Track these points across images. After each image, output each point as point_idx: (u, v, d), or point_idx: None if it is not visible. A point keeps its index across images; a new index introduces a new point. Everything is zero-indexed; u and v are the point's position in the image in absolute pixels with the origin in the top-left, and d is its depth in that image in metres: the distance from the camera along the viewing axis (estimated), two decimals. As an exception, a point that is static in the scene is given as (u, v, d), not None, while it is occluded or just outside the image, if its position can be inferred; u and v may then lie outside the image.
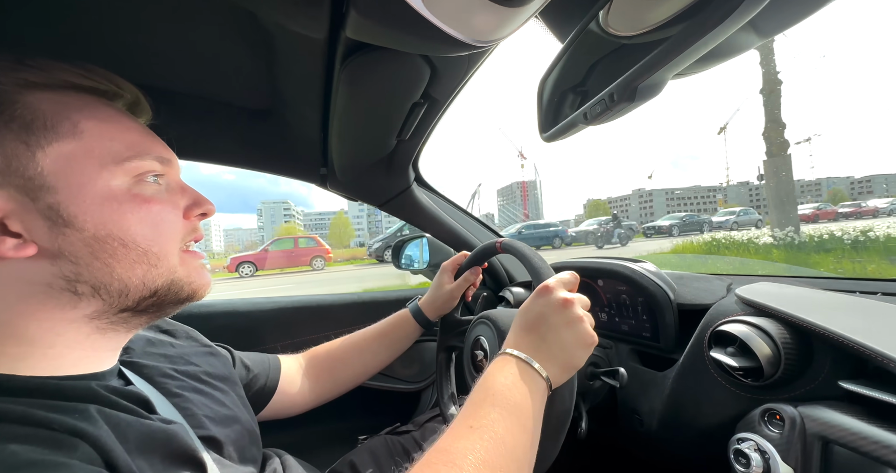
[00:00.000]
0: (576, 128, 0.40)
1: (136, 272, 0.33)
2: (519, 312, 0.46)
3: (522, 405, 0.37)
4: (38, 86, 0.31)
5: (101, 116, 0.33)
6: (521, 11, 0.34)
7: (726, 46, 0.28)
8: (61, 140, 0.30)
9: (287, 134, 0.71)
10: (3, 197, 0.28)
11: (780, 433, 0.41)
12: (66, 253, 0.30)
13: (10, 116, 0.29)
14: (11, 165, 0.28)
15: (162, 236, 0.34)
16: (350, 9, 0.34)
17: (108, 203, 0.31)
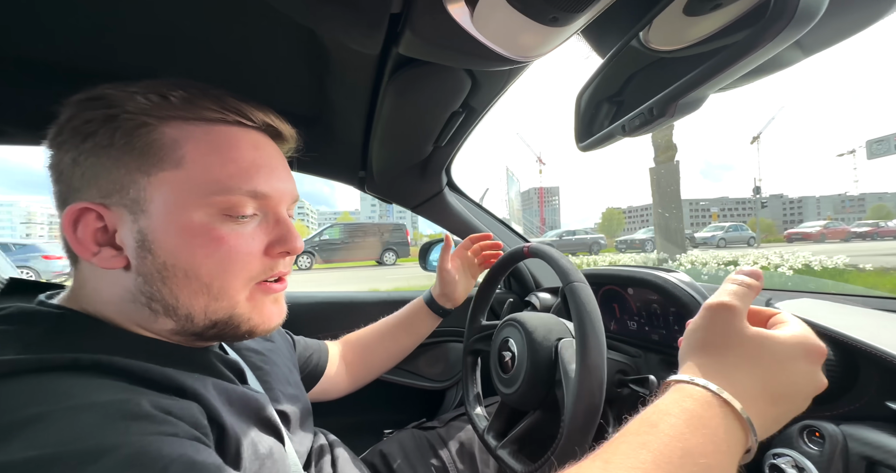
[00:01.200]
0: (613, 139, 0.42)
1: (199, 302, 0.34)
2: (766, 350, 0.29)
3: (705, 457, 0.25)
4: (172, 118, 0.33)
5: (212, 147, 0.34)
6: (564, 30, 0.36)
7: (769, 63, 0.28)
8: (166, 169, 0.32)
9: (331, 139, 0.76)
10: (116, 214, 0.32)
11: (819, 450, 0.40)
12: (143, 273, 0.32)
13: (135, 144, 0.32)
14: (126, 188, 0.32)
15: (227, 273, 0.34)
16: (406, 29, 0.38)
17: (183, 234, 0.32)
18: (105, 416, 0.24)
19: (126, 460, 0.22)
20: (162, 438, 0.24)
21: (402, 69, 0.48)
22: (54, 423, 0.22)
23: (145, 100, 0.32)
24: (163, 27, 0.50)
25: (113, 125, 0.32)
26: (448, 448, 0.74)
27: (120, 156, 0.32)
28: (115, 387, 0.27)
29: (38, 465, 0.20)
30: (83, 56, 0.54)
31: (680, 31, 0.35)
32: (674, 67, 0.39)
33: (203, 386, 0.32)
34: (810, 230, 28.37)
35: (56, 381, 0.25)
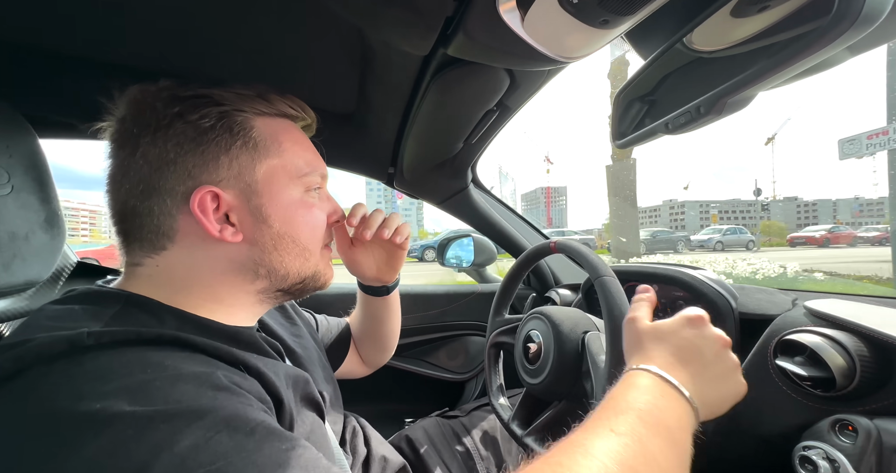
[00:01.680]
0: (654, 136, 0.43)
1: (296, 263, 0.41)
2: (658, 331, 0.41)
3: (676, 433, 0.32)
4: (265, 114, 0.40)
5: (294, 137, 0.43)
6: (610, 32, 0.38)
7: (819, 64, 0.30)
8: (271, 157, 0.39)
9: (365, 136, 0.79)
10: (232, 195, 0.38)
11: (852, 443, 0.41)
12: (258, 243, 0.39)
13: (249, 137, 0.38)
14: (241, 174, 0.38)
15: (315, 236, 0.43)
16: (458, 31, 0.40)
17: (290, 208, 0.40)
18: (197, 385, 0.27)
19: (224, 419, 0.25)
20: (245, 406, 0.28)
21: (446, 69, 0.51)
22: (161, 388, 0.26)
23: (246, 98, 0.39)
24: (209, 23, 0.52)
25: (228, 121, 0.37)
26: (472, 436, 0.76)
27: (235, 147, 0.37)
28: (196, 360, 0.30)
29: (157, 420, 0.24)
30: (134, 54, 0.57)
31: (724, 32, 0.36)
32: (713, 67, 0.40)
33: (263, 364, 0.34)
34: (814, 235, 27.44)
35: (148, 353, 0.28)
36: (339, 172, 5.76)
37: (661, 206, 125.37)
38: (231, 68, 0.62)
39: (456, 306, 1.12)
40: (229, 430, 0.25)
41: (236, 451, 0.24)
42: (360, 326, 0.74)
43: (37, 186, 0.47)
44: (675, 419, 0.33)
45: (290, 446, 0.26)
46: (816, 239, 26.44)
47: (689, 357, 0.39)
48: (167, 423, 0.24)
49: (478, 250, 1.20)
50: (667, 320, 0.42)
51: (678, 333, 0.40)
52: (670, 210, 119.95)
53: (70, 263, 0.61)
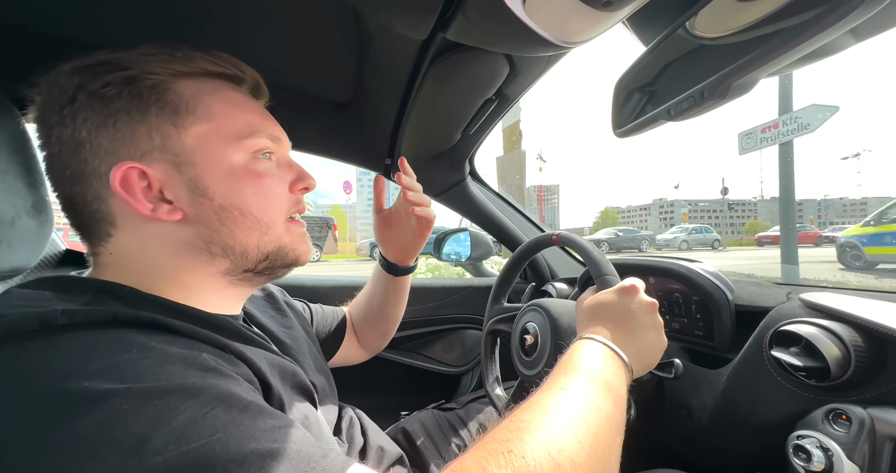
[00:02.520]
0: (656, 123, 0.43)
1: (252, 238, 0.37)
2: (599, 303, 0.47)
3: (614, 385, 0.37)
4: (183, 74, 0.36)
5: (227, 98, 0.38)
6: (612, 16, 0.37)
7: (823, 48, 0.29)
8: (199, 122, 0.35)
9: (362, 125, 0.78)
10: (161, 170, 0.34)
11: (845, 432, 0.42)
12: (201, 219, 0.35)
13: (165, 101, 0.34)
14: (166, 144, 0.34)
15: (271, 207, 0.38)
16: (457, 13, 0.39)
17: (231, 177, 0.36)
18: (185, 366, 0.26)
19: (217, 396, 0.25)
20: (235, 386, 0.27)
21: (444, 55, 0.50)
22: (151, 367, 0.25)
23: (156, 59, 0.34)
24: (197, 3, 0.50)
25: (136, 86, 0.33)
26: (468, 428, 0.76)
27: (150, 114, 0.33)
28: (179, 342, 0.29)
29: (153, 396, 0.23)
30: (119, 35, 0.55)
31: (730, 17, 0.36)
32: (718, 53, 0.39)
33: (248, 350, 0.34)
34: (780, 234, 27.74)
35: (130, 333, 0.27)
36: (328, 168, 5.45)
37: (651, 204, 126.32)
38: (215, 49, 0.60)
39: (452, 299, 1.12)
40: (224, 406, 0.25)
41: (233, 424, 0.24)
42: (368, 308, 0.74)
43: (23, 170, 0.46)
44: (612, 374, 0.38)
45: (282, 423, 0.26)
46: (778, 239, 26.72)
47: (622, 322, 0.44)
48: (162, 399, 0.23)
49: (474, 245, 1.19)
50: (606, 291, 0.49)
51: (615, 303, 0.46)
52: (660, 209, 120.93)
53: (58, 251, 0.60)
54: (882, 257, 6.13)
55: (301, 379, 0.40)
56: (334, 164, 19.37)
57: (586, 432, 0.31)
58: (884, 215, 6.19)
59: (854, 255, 6.48)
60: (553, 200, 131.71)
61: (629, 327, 0.44)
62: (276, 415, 0.27)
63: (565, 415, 0.31)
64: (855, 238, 6.56)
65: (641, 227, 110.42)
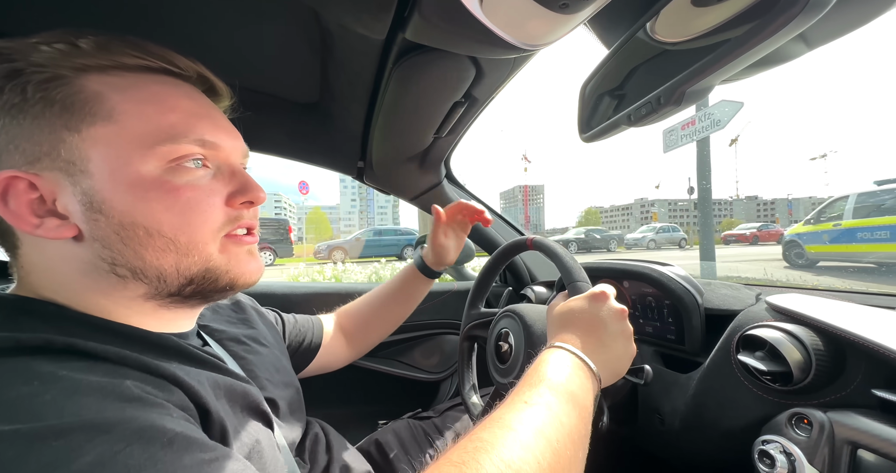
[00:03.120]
0: (618, 129, 0.42)
1: (168, 260, 0.32)
2: (569, 311, 0.46)
3: (579, 396, 0.36)
4: (90, 68, 0.30)
5: (143, 95, 0.31)
6: (572, 18, 0.36)
7: (774, 55, 0.29)
8: (97, 124, 0.30)
9: (331, 127, 0.75)
10: (51, 179, 0.29)
11: (807, 436, 0.42)
12: (98, 238, 0.30)
13: (54, 99, 0.29)
14: (56, 149, 0.29)
15: (191, 225, 0.32)
16: (413, 12, 0.37)
17: (135, 190, 0.30)
18: (100, 398, 0.23)
19: (136, 431, 0.22)
20: (161, 416, 0.24)
21: (407, 56, 0.48)
22: (51, 403, 0.22)
23: (52, 49, 0.29)
24: (154, 3, 0.48)
25: (21, 81, 0.28)
26: (444, 438, 0.75)
27: (38, 115, 0.29)
28: (99, 369, 0.26)
29: (49, 437, 0.20)
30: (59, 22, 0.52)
31: (687, 22, 0.35)
32: (679, 58, 0.39)
33: (184, 373, 0.31)
34: (745, 232, 28.92)
35: (34, 363, 0.24)
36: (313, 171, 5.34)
37: (632, 204, 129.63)
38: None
39: (431, 304, 1.10)
40: (142, 442, 0.22)
41: (151, 463, 0.21)
42: (381, 306, 0.77)
43: None
44: (579, 384, 0.37)
45: (213, 456, 0.24)
46: (747, 237, 27.93)
47: (592, 330, 0.43)
48: (62, 439, 0.20)
49: (455, 248, 1.18)
50: (576, 297, 0.47)
51: (584, 310, 0.45)
52: (641, 208, 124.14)
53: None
54: (822, 255, 6.25)
55: (253, 400, 0.37)
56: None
57: (546, 449, 0.30)
58: (822, 213, 6.28)
59: (797, 253, 6.59)
60: (538, 200, 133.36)
61: (598, 334, 0.43)
62: (208, 447, 0.25)
63: (525, 432, 0.30)
64: (797, 236, 6.64)
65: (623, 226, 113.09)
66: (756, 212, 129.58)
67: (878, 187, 5.61)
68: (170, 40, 0.55)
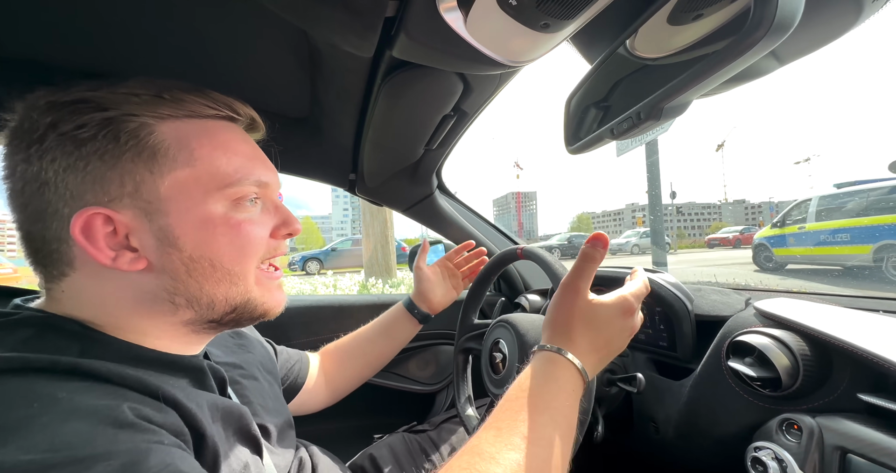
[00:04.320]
0: (602, 142, 0.43)
1: (221, 290, 0.35)
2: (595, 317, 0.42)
3: (559, 404, 0.37)
4: (169, 117, 0.34)
5: (215, 143, 0.35)
6: (554, 37, 0.37)
7: (748, 71, 0.30)
8: (178, 168, 0.33)
9: (322, 141, 0.76)
10: (129, 216, 0.32)
11: (797, 442, 0.42)
12: (168, 270, 0.33)
13: (144, 146, 0.32)
14: (138, 190, 0.32)
15: (245, 257, 0.36)
16: (400, 32, 0.38)
17: (206, 227, 0.34)
18: (94, 423, 0.24)
19: (118, 469, 0.22)
20: (149, 446, 0.25)
21: (395, 72, 0.49)
22: (45, 428, 0.22)
23: (140, 100, 0.33)
24: (148, 24, 0.49)
25: (114, 129, 0.31)
26: (440, 452, 0.74)
27: (125, 159, 0.32)
28: (98, 391, 0.26)
29: (33, 469, 0.21)
30: (63, 53, 0.52)
31: (664, 40, 0.36)
32: (659, 74, 0.40)
33: (184, 395, 0.31)
34: (728, 236, 29.40)
35: (38, 383, 0.25)
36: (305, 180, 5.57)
37: (623, 209, 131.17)
38: (170, 69, 0.58)
39: None
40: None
41: None
42: (368, 346, 0.76)
43: None
44: (557, 388, 0.37)
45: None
46: (729, 240, 28.34)
47: (605, 344, 0.42)
48: (52, 471, 0.21)
49: (448, 257, 1.18)
50: (606, 300, 0.43)
51: (611, 322, 0.42)
52: (632, 213, 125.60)
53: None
54: (789, 258, 6.30)
55: (245, 424, 0.38)
56: (313, 174, 19.32)
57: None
58: (788, 216, 6.33)
59: (766, 256, 6.61)
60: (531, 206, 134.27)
61: (609, 347, 0.42)
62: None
63: (505, 462, 0.31)
64: (766, 240, 6.65)
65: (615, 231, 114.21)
66: (744, 216, 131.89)
67: (837, 189, 5.71)
68: (163, 60, 0.57)
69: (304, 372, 0.68)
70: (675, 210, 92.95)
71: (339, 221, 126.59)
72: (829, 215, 5.66)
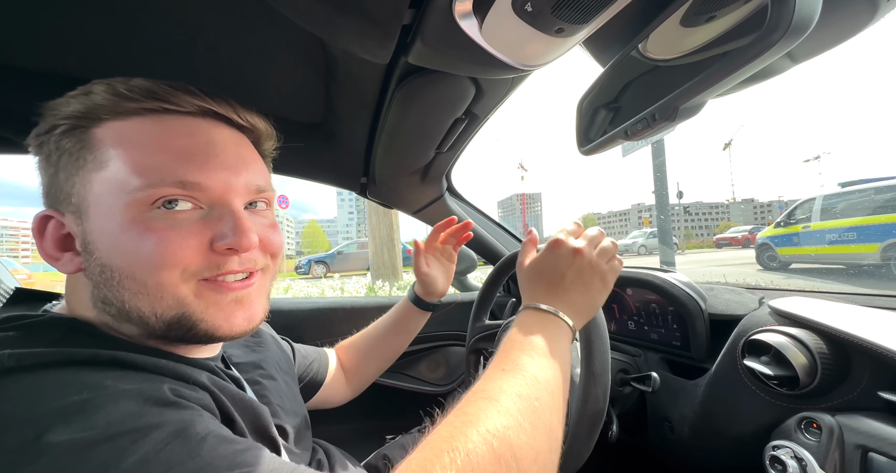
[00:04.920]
0: (615, 143, 0.44)
1: (143, 303, 0.31)
2: (529, 268, 0.46)
3: (550, 348, 0.38)
4: (104, 118, 0.32)
5: (136, 140, 0.32)
6: (567, 41, 0.38)
7: (762, 71, 0.30)
8: (95, 170, 0.31)
9: (334, 146, 0.77)
10: (70, 219, 0.32)
11: (817, 441, 0.42)
12: (91, 276, 0.32)
13: (73, 149, 0.32)
14: (72, 193, 0.32)
15: (158, 267, 0.31)
16: (416, 39, 0.39)
17: (115, 233, 0.31)
18: (140, 402, 0.26)
19: (172, 434, 0.24)
20: (193, 417, 0.27)
21: (409, 78, 0.50)
22: (99, 409, 0.24)
23: (77, 103, 0.32)
24: (166, 32, 0.50)
25: (56, 133, 0.32)
26: None
27: (63, 163, 0.32)
28: (138, 377, 0.28)
29: (99, 441, 0.22)
30: (73, 63, 0.53)
31: (677, 41, 0.37)
32: (672, 75, 0.41)
33: (212, 383, 0.33)
34: (737, 235, 28.95)
35: (83, 373, 0.27)
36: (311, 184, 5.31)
37: (629, 210, 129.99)
38: (187, 78, 0.59)
39: (435, 316, 1.10)
40: (180, 440, 0.24)
41: (190, 457, 0.24)
42: (381, 342, 0.76)
43: None
44: (549, 337, 0.39)
45: (245, 447, 0.27)
46: (739, 240, 27.82)
47: (552, 280, 0.44)
48: (110, 442, 0.23)
49: (458, 259, 1.19)
50: (539, 254, 0.47)
51: (543, 262, 0.45)
52: (638, 214, 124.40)
53: (5, 289, 0.56)
54: (794, 257, 6.29)
55: (264, 424, 0.38)
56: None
57: (526, 409, 0.32)
58: (791, 215, 6.34)
59: (770, 256, 6.61)
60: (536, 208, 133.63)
61: (556, 281, 0.43)
62: (237, 441, 0.27)
63: (506, 400, 0.32)
64: (769, 239, 6.66)
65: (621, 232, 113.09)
66: (753, 215, 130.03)
67: (842, 188, 5.71)
68: (179, 71, 0.58)
69: (324, 369, 0.69)
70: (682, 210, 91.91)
71: (345, 224, 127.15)
72: (834, 213, 5.64)
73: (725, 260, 11.85)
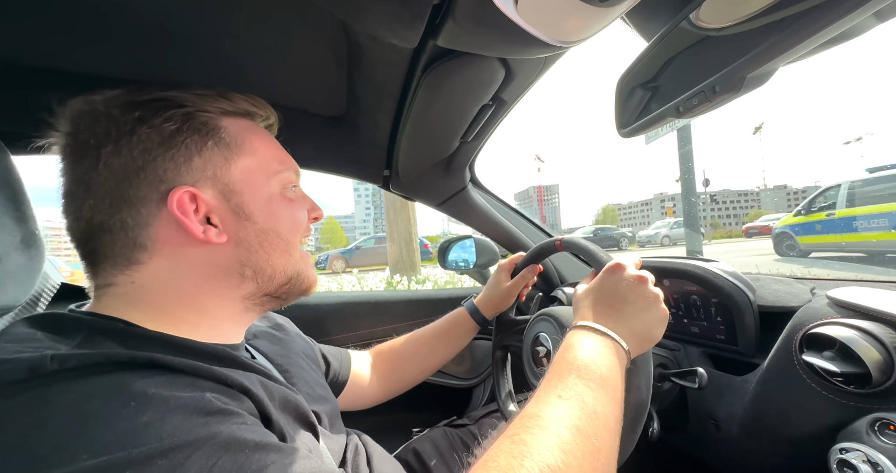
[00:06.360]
0: (662, 122, 0.40)
1: (281, 260, 0.40)
2: (588, 290, 0.47)
3: (609, 377, 0.37)
4: (230, 113, 0.40)
5: (262, 136, 0.42)
6: (611, 12, 0.35)
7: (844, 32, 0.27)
8: (245, 156, 0.39)
9: (357, 138, 0.76)
10: (210, 196, 0.37)
11: (894, 444, 0.38)
12: (244, 241, 0.38)
13: (219, 137, 0.38)
14: (216, 175, 0.37)
15: (297, 229, 0.42)
16: (447, 19, 0.37)
17: (271, 203, 0.40)
18: (188, 415, 0.26)
19: (222, 445, 0.25)
20: (241, 426, 0.27)
21: (437, 63, 0.48)
22: (151, 425, 0.24)
23: (208, 98, 0.38)
24: (187, 28, 0.49)
25: (194, 121, 0.36)
26: (482, 446, 0.73)
27: (207, 148, 0.37)
28: (179, 383, 0.28)
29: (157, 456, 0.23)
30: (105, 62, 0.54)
31: (737, 5, 0.33)
32: (727, 44, 0.37)
33: (249, 382, 0.33)
34: (767, 224, 27.64)
35: (126, 378, 0.26)
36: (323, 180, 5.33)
37: (652, 199, 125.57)
38: (207, 74, 0.59)
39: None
40: (230, 453, 0.25)
41: (240, 470, 0.24)
42: (427, 347, 0.78)
43: (11, 205, 0.45)
44: (607, 364, 0.38)
45: (292, 458, 0.27)
46: (769, 229, 26.43)
47: (611, 302, 0.44)
48: (165, 458, 0.23)
49: (479, 251, 1.17)
50: (595, 278, 0.48)
51: (601, 286, 0.46)
52: (661, 203, 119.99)
53: (52, 285, 0.58)
54: (814, 246, 6.08)
55: (303, 410, 0.39)
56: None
57: (586, 447, 0.31)
58: (813, 203, 6.11)
59: (789, 245, 6.43)
60: (553, 200, 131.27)
61: (618, 305, 0.43)
62: (283, 450, 0.28)
63: (565, 433, 0.31)
64: (788, 228, 6.47)
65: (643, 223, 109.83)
66: (786, 202, 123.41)
67: (870, 174, 5.43)
68: (204, 64, 0.58)
69: (346, 370, 0.69)
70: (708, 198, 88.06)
71: (362, 220, 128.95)
72: (862, 200, 5.39)
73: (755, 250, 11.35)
